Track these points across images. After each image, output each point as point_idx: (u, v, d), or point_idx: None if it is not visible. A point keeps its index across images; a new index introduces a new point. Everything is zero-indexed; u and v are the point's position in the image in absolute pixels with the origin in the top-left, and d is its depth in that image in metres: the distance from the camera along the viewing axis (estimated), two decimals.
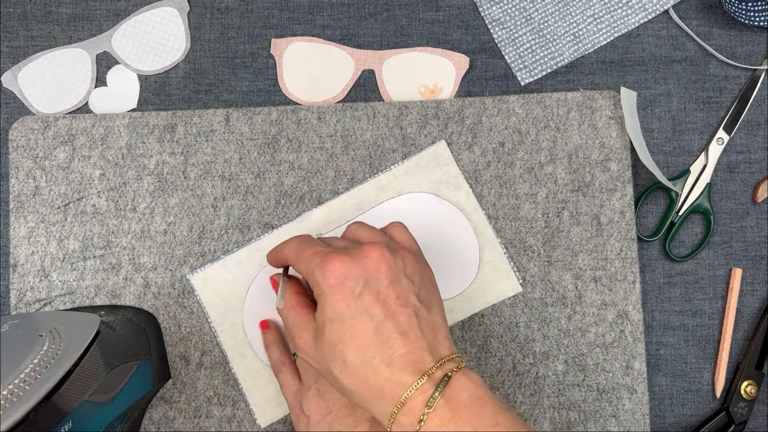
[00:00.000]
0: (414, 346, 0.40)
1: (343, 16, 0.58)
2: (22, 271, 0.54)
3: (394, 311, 0.41)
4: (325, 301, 0.41)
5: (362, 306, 0.41)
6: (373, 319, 0.40)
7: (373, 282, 0.41)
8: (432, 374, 0.39)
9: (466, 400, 0.39)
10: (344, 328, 0.41)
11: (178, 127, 0.56)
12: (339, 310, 0.41)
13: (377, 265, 0.42)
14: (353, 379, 0.40)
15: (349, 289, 0.41)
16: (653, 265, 0.57)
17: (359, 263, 0.41)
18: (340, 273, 0.41)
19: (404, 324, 0.41)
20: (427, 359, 0.40)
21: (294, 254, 0.45)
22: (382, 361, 0.40)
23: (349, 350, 0.40)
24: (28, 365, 0.38)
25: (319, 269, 0.42)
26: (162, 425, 0.53)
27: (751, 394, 0.55)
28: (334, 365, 0.41)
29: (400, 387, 0.39)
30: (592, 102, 0.56)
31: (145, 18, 0.58)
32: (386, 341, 0.40)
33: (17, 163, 0.55)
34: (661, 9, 0.58)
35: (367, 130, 0.56)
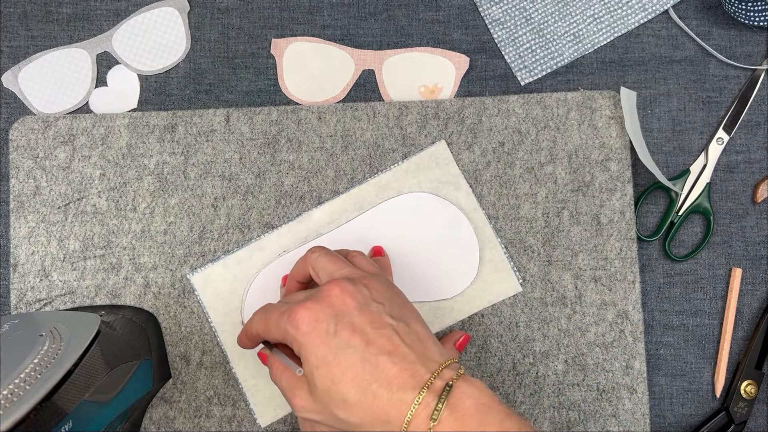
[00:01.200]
0: (404, 362, 0.40)
1: (343, 16, 0.58)
2: (23, 271, 0.54)
3: (373, 336, 0.41)
4: (307, 351, 0.41)
5: (341, 342, 0.41)
6: (356, 350, 0.40)
7: (343, 315, 0.41)
8: (431, 385, 0.39)
9: (471, 407, 0.39)
10: (332, 368, 0.40)
11: (179, 127, 0.56)
12: (321, 354, 0.41)
13: (341, 299, 0.42)
14: (359, 413, 0.40)
15: (323, 330, 0.41)
16: (653, 264, 0.57)
17: (324, 303, 0.42)
18: (309, 319, 0.41)
19: (387, 345, 0.41)
20: (422, 371, 0.40)
21: (262, 326, 0.45)
22: (379, 385, 0.40)
23: (345, 387, 0.40)
24: (28, 365, 0.38)
25: (290, 325, 0.42)
26: (162, 425, 0.53)
27: (751, 394, 0.55)
28: (337, 408, 0.41)
29: (403, 406, 0.39)
30: (592, 102, 0.56)
31: (145, 18, 0.58)
32: (375, 366, 0.40)
33: (17, 163, 0.55)
34: (661, 9, 0.58)
35: (367, 130, 0.56)
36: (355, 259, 0.48)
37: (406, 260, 0.55)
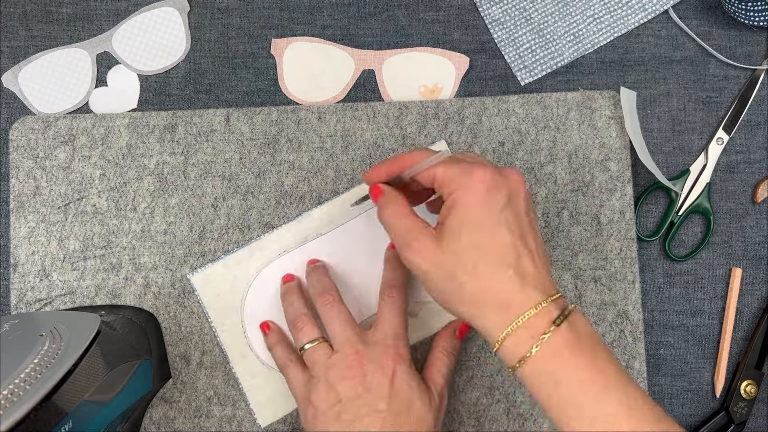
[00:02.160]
0: (541, 270, 0.41)
1: (343, 16, 0.58)
2: (23, 271, 0.54)
3: (527, 232, 0.42)
4: (467, 204, 0.41)
5: (504, 219, 0.41)
6: (512, 234, 0.41)
7: (515, 200, 0.42)
8: (555, 299, 0.41)
9: (586, 333, 0.40)
10: (483, 233, 0.41)
11: (179, 127, 0.56)
12: (482, 215, 0.41)
13: (519, 186, 0.43)
14: (481, 284, 0.40)
15: (494, 199, 0.41)
16: (653, 264, 0.57)
17: (504, 177, 0.42)
18: (489, 181, 0.41)
19: (534, 247, 0.42)
20: (550, 285, 0.41)
21: (426, 156, 0.44)
22: (515, 272, 0.40)
23: (484, 255, 0.40)
24: (28, 365, 0.38)
25: (467, 175, 0.41)
26: (162, 425, 0.53)
27: (751, 394, 0.55)
28: (463, 269, 0.41)
29: (530, 301, 0.40)
30: (591, 102, 0.56)
31: (145, 18, 0.58)
32: (519, 257, 0.41)
33: (17, 163, 0.55)
34: (661, 9, 0.58)
35: (367, 130, 0.56)
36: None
37: None
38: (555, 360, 0.39)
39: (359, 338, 0.48)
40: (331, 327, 0.49)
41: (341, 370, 0.47)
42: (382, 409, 0.45)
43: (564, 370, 0.39)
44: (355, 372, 0.46)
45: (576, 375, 0.39)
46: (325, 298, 0.50)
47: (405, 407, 0.46)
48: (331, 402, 0.46)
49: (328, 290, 0.50)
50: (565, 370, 0.39)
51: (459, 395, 0.54)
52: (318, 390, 0.47)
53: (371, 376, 0.46)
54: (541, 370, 0.39)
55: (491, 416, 0.54)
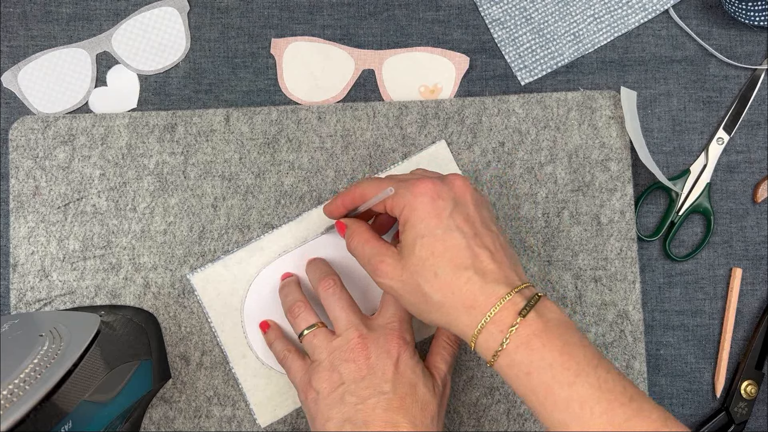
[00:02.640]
0: (501, 264, 0.42)
1: (343, 16, 0.58)
2: (22, 271, 0.54)
3: (481, 232, 0.43)
4: (417, 218, 0.43)
5: (452, 224, 0.43)
6: (464, 235, 0.42)
7: (461, 204, 0.44)
8: (521, 290, 0.41)
9: (555, 319, 0.41)
10: (436, 242, 0.42)
11: (178, 127, 0.56)
12: (432, 225, 0.43)
13: (462, 190, 0.44)
14: (444, 290, 0.42)
15: (440, 206, 0.43)
16: (653, 264, 0.57)
17: (447, 185, 0.44)
18: (432, 191, 0.43)
19: (490, 244, 0.43)
20: (514, 277, 0.42)
21: (374, 187, 0.46)
22: (475, 272, 0.41)
23: (441, 262, 0.42)
24: (28, 365, 0.38)
25: (410, 189, 0.44)
26: (162, 425, 0.53)
27: (751, 394, 0.55)
28: (425, 279, 0.42)
29: (493, 296, 0.41)
30: (592, 102, 0.56)
31: (145, 18, 0.58)
32: (476, 256, 0.42)
33: (17, 163, 0.55)
34: (661, 9, 0.58)
35: (367, 130, 0.56)
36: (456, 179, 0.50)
37: None
38: (525, 350, 0.40)
39: (363, 322, 0.48)
40: (333, 311, 0.49)
41: (344, 353, 0.46)
42: (387, 390, 0.45)
43: (535, 359, 0.39)
44: (359, 355, 0.46)
45: (546, 363, 0.39)
46: (327, 283, 0.50)
47: (410, 391, 0.46)
48: (333, 384, 0.46)
49: (329, 275, 0.50)
50: (535, 359, 0.39)
51: (459, 395, 0.54)
52: (319, 373, 0.47)
53: (375, 359, 0.46)
54: (513, 362, 0.40)
55: (491, 416, 0.54)
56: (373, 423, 0.44)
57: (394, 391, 0.45)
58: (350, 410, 0.45)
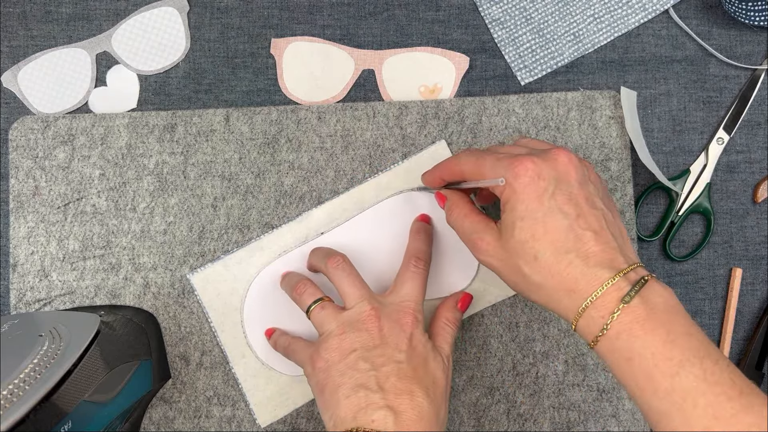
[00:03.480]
0: (607, 245, 0.41)
1: (343, 16, 0.58)
2: (22, 271, 0.54)
3: (585, 212, 0.41)
4: (517, 200, 0.42)
5: (555, 204, 0.41)
6: (566, 217, 0.41)
7: (564, 183, 0.42)
8: (627, 273, 0.40)
9: (661, 305, 0.39)
10: (537, 225, 0.41)
11: (178, 127, 0.56)
12: (532, 207, 0.41)
13: (566, 167, 0.42)
14: (545, 273, 0.41)
15: (541, 188, 0.41)
16: (653, 265, 0.57)
17: (550, 164, 0.42)
18: (533, 172, 0.42)
19: (595, 224, 0.41)
20: (620, 260, 0.40)
21: (473, 164, 0.45)
22: (576, 255, 0.40)
23: (542, 245, 0.41)
24: (28, 365, 0.38)
25: (509, 170, 0.42)
26: (162, 425, 0.53)
27: None
28: (524, 261, 0.41)
29: (596, 281, 0.40)
30: (592, 102, 0.56)
31: (145, 18, 0.58)
32: (579, 238, 0.41)
33: (17, 163, 0.55)
34: (661, 9, 0.58)
35: (367, 130, 0.56)
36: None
37: None
38: (627, 337, 0.38)
39: (374, 297, 0.47)
40: (342, 286, 0.48)
41: (356, 323, 0.45)
42: (401, 360, 0.44)
43: (636, 346, 0.38)
44: (372, 325, 0.45)
45: (648, 351, 0.38)
46: (335, 260, 0.49)
47: (422, 363, 0.45)
48: (344, 351, 0.45)
49: (336, 253, 0.50)
50: (637, 347, 0.38)
51: (459, 395, 0.54)
52: (328, 342, 0.45)
53: (388, 331, 0.45)
54: (613, 348, 0.39)
55: (491, 416, 0.54)
56: (387, 390, 0.43)
57: (408, 361, 0.44)
58: (363, 376, 0.43)
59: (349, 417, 0.42)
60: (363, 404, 0.42)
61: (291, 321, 0.54)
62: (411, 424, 0.42)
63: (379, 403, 0.42)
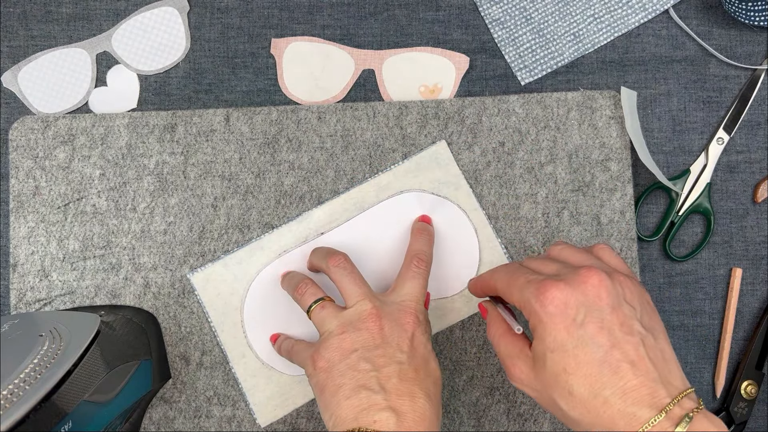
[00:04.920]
0: (646, 377, 0.38)
1: (343, 16, 0.58)
2: (22, 271, 0.54)
3: (620, 340, 0.38)
4: (545, 331, 0.39)
5: (586, 335, 0.38)
6: (599, 348, 0.38)
7: (595, 309, 0.39)
8: (669, 411, 0.36)
9: None
10: (568, 357, 0.38)
11: (178, 127, 0.56)
12: (561, 339, 0.39)
13: (597, 291, 0.39)
14: (581, 409, 0.38)
15: (570, 317, 0.39)
16: (653, 265, 0.57)
17: (578, 290, 0.39)
18: (559, 301, 0.39)
19: (632, 353, 0.38)
20: (662, 393, 0.37)
21: (505, 283, 0.43)
22: (613, 392, 0.37)
23: (576, 380, 0.38)
24: (28, 365, 0.38)
25: (535, 297, 0.40)
26: (162, 425, 0.53)
27: (751, 394, 0.55)
28: (560, 396, 0.39)
29: (635, 422, 0.37)
30: (592, 102, 0.56)
31: (145, 18, 0.58)
32: (615, 371, 0.38)
33: (17, 163, 0.55)
34: (661, 9, 0.58)
35: (367, 130, 0.56)
36: (604, 254, 0.45)
37: None
38: None
39: (376, 296, 0.47)
40: (343, 285, 0.47)
41: (357, 323, 0.45)
42: (402, 360, 0.44)
43: None
44: (373, 324, 0.45)
45: None
46: (337, 258, 0.48)
47: (423, 364, 0.44)
48: (345, 352, 0.44)
49: (338, 252, 0.49)
50: None
51: (459, 395, 0.54)
52: (329, 341, 0.45)
53: (389, 330, 0.45)
54: None
55: (491, 416, 0.54)
56: (389, 391, 0.42)
57: (410, 362, 0.44)
58: (364, 377, 0.43)
59: (350, 417, 0.42)
60: (365, 405, 0.42)
61: (291, 321, 0.54)
62: (413, 425, 0.41)
63: (382, 404, 0.42)
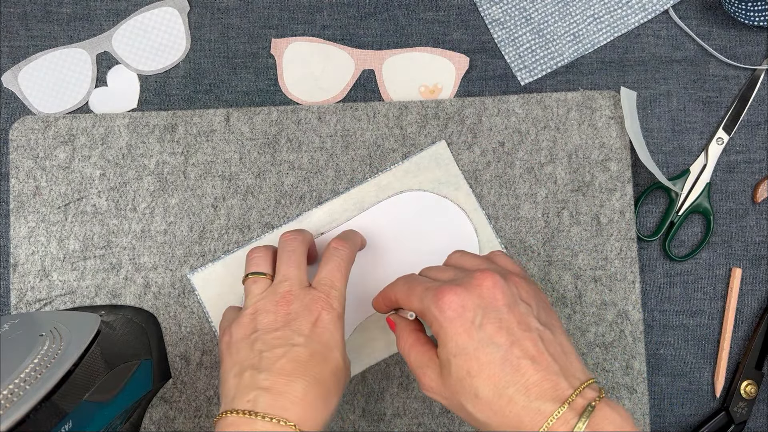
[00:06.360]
0: (547, 371, 0.38)
1: (343, 16, 0.58)
2: (23, 271, 0.54)
3: (519, 337, 0.39)
4: (446, 336, 0.40)
5: (485, 336, 0.39)
6: (499, 348, 0.39)
7: (492, 310, 0.40)
8: (572, 402, 0.37)
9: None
10: (470, 360, 0.39)
11: (179, 127, 0.56)
12: (462, 343, 0.39)
13: (492, 292, 0.40)
14: (488, 411, 0.39)
15: (468, 320, 0.40)
16: (653, 264, 0.57)
17: (474, 292, 0.40)
18: (456, 305, 0.40)
19: (532, 349, 0.39)
20: (564, 385, 0.38)
21: (404, 294, 0.44)
22: (516, 389, 0.38)
23: (480, 382, 0.39)
24: (28, 365, 0.38)
25: (434, 304, 0.40)
26: (162, 425, 0.53)
27: (751, 394, 0.55)
28: (466, 399, 0.39)
29: (539, 416, 0.37)
30: (592, 102, 0.56)
31: (145, 18, 0.58)
32: (517, 369, 0.38)
33: (17, 163, 0.55)
34: (661, 9, 0.58)
35: (367, 130, 0.56)
36: (498, 258, 0.46)
37: (406, 259, 0.55)
38: None
39: (298, 280, 0.46)
40: (279, 262, 0.48)
41: (268, 305, 0.45)
42: (298, 342, 0.43)
43: None
44: (280, 309, 0.45)
45: None
46: (290, 235, 0.49)
47: (323, 349, 0.44)
48: (247, 331, 0.45)
49: (298, 231, 0.50)
50: None
51: None
52: (240, 321, 0.45)
53: (294, 315, 0.44)
54: None
55: None
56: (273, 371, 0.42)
57: (306, 345, 0.43)
58: (255, 357, 0.43)
59: (230, 396, 0.42)
60: (245, 383, 0.42)
61: None
62: (288, 405, 0.41)
63: (261, 384, 0.41)
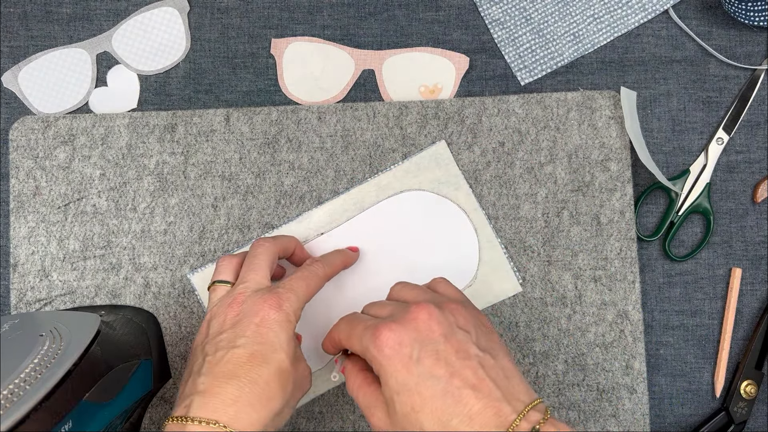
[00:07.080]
0: (489, 398, 0.38)
1: (343, 16, 0.58)
2: (23, 271, 0.54)
3: (458, 367, 0.39)
4: (387, 374, 0.40)
5: (424, 370, 0.39)
6: (439, 381, 0.39)
7: (428, 342, 0.40)
8: (516, 427, 0.37)
9: None
10: (413, 396, 0.39)
11: (178, 127, 0.56)
12: (402, 379, 0.39)
13: (428, 324, 0.40)
14: None
15: (406, 355, 0.40)
16: (653, 264, 0.57)
17: (409, 326, 0.40)
18: (393, 341, 0.40)
19: (472, 378, 0.39)
20: (507, 410, 0.38)
21: (346, 335, 0.44)
22: (460, 420, 0.38)
23: (424, 417, 0.39)
24: (28, 365, 0.38)
25: (372, 343, 0.40)
26: (162, 425, 0.53)
27: (751, 394, 0.55)
28: None
29: None
30: (592, 102, 0.56)
31: (145, 18, 0.58)
32: (458, 400, 0.38)
33: (17, 163, 0.55)
34: (661, 9, 0.58)
35: (367, 130, 0.56)
36: (439, 286, 0.47)
37: (406, 259, 0.55)
38: None
39: (255, 283, 0.46)
40: (245, 266, 0.47)
41: (220, 309, 0.45)
42: (239, 344, 0.43)
43: None
44: (230, 312, 0.44)
45: None
46: (257, 241, 0.49)
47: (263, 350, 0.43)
48: (200, 339, 0.45)
49: (268, 237, 0.50)
50: None
51: None
52: (199, 329, 0.46)
53: (242, 317, 0.44)
54: None
55: None
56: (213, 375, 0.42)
57: (245, 346, 0.43)
58: (200, 362, 0.43)
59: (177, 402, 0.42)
60: (188, 389, 0.42)
61: None
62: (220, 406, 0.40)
63: (198, 388, 0.41)
